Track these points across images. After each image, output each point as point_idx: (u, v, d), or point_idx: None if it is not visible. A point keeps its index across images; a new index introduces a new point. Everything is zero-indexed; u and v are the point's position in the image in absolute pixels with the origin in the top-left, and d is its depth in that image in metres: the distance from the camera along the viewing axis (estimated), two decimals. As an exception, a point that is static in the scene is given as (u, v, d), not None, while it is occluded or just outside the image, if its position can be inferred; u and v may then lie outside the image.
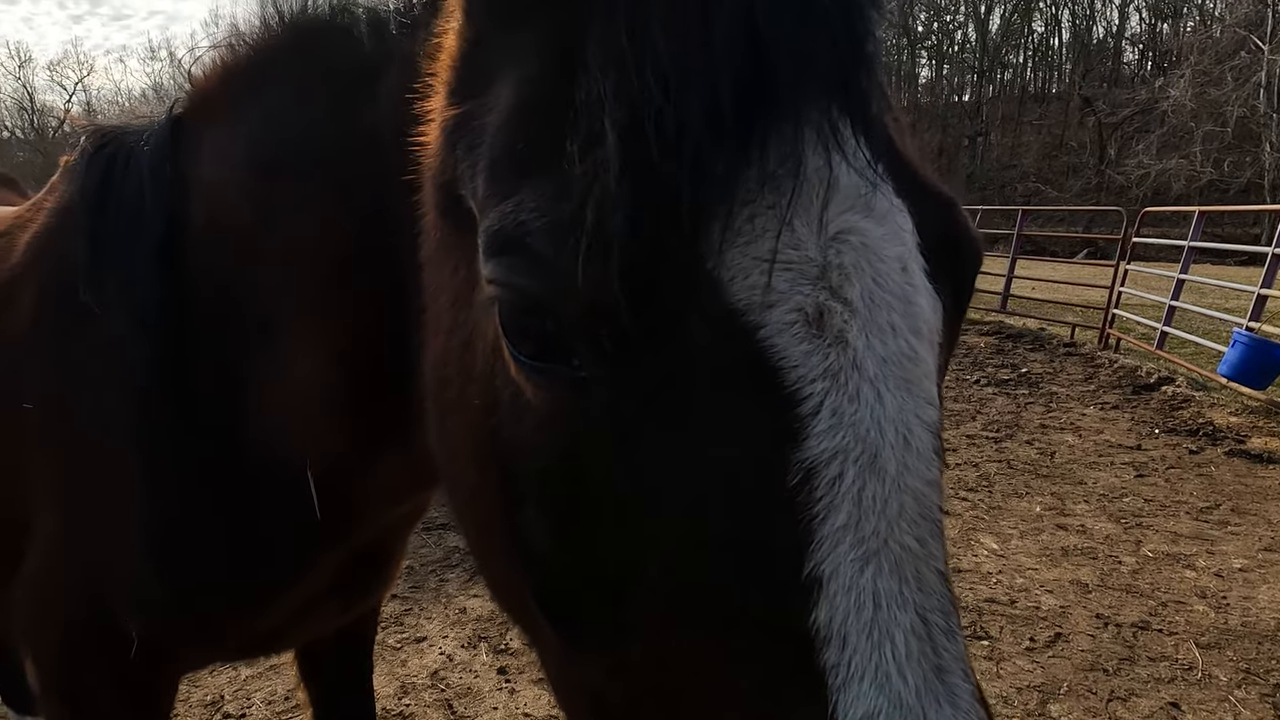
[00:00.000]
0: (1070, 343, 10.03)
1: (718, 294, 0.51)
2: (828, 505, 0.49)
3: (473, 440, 0.66)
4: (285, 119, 1.01)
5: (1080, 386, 8.04)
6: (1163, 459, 5.78)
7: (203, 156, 1.08)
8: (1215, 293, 10.89)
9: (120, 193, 1.10)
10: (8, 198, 1.88)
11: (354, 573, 1.33)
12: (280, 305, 1.02)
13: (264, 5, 1.06)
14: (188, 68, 1.15)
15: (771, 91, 0.51)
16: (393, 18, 0.93)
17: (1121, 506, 4.88)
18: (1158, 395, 7.41)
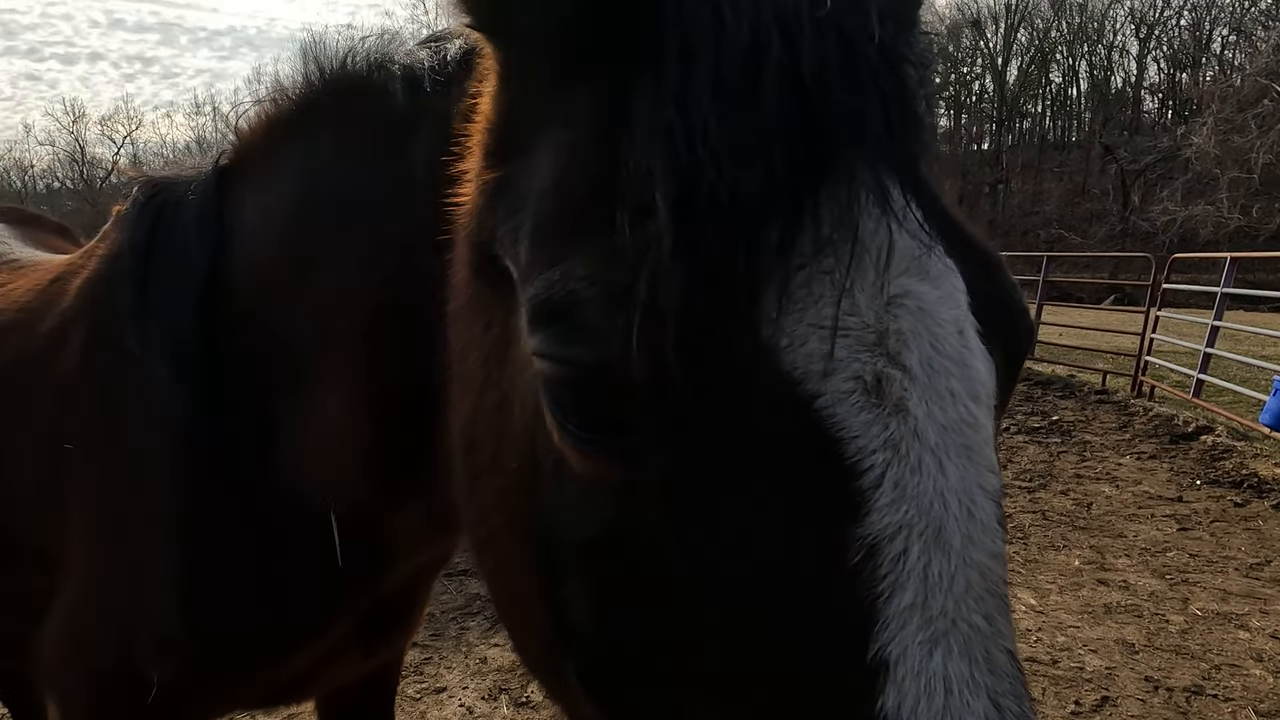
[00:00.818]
0: (1102, 390, 9.82)
1: (774, 363, 0.49)
2: (893, 583, 0.46)
3: (508, 506, 0.64)
4: (323, 172, 1.04)
5: (1115, 435, 7.82)
6: (1206, 512, 5.56)
7: (245, 206, 1.11)
8: (1251, 339, 10.63)
9: (167, 241, 1.14)
10: (62, 245, 1.95)
11: (378, 619, 1.32)
12: (312, 353, 1.03)
13: (306, 61, 1.10)
14: (234, 121, 1.21)
15: (823, 157, 0.51)
16: (427, 75, 0.95)
17: (1165, 561, 4.68)
18: (1197, 445, 7.18)
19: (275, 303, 1.06)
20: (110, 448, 1.14)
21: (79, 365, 1.18)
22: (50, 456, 1.18)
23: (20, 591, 1.28)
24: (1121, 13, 49.93)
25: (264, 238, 1.08)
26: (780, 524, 0.48)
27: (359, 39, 1.07)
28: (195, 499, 1.10)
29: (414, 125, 0.93)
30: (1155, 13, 49.06)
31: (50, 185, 55.22)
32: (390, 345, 0.95)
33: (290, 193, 1.06)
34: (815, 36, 0.51)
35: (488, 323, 0.68)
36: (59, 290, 1.30)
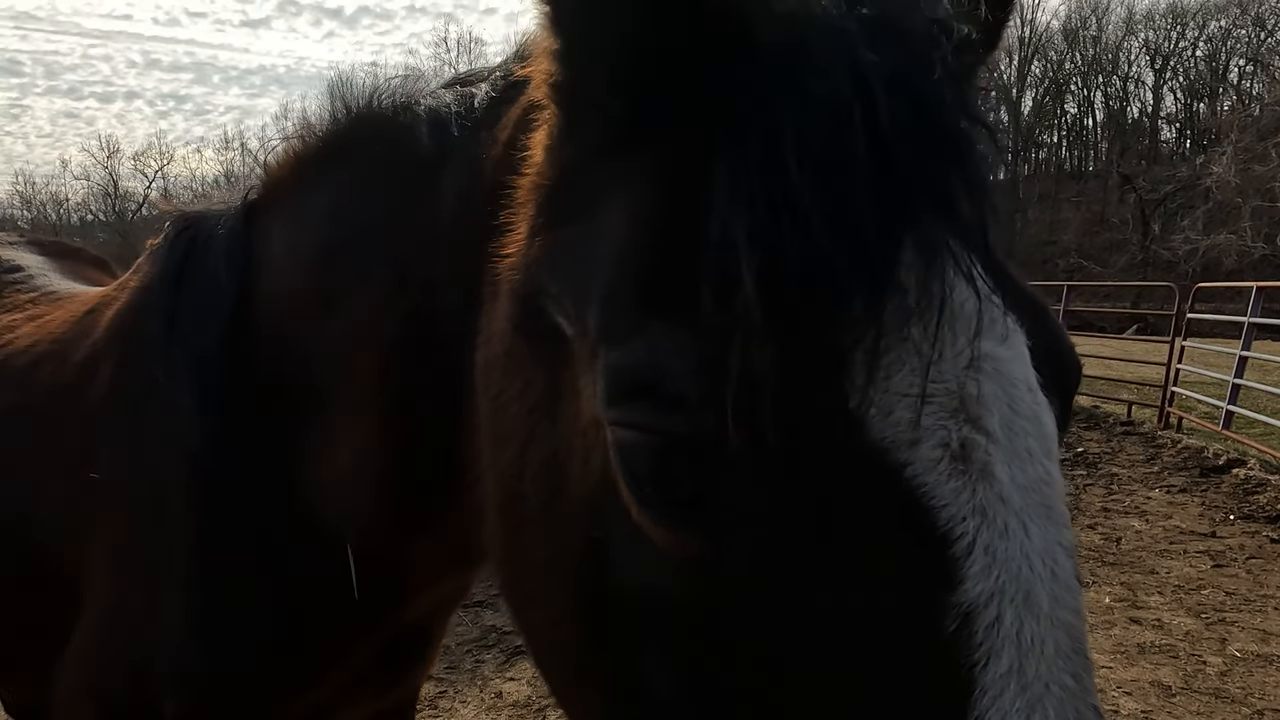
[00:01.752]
0: (1128, 421, 9.63)
1: (863, 432, 0.49)
2: (989, 650, 0.46)
3: (566, 568, 0.63)
4: (348, 209, 1.05)
5: (1142, 468, 7.64)
6: (1241, 548, 5.39)
7: (272, 240, 1.14)
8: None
9: (196, 274, 1.16)
10: (99, 277, 2.00)
11: (394, 654, 1.30)
12: (334, 385, 1.04)
13: (333, 100, 1.13)
14: (262, 158, 1.24)
15: (905, 224, 0.51)
16: (453, 119, 0.95)
17: (1200, 600, 4.53)
18: (1229, 478, 6.99)
19: (299, 335, 1.07)
20: (133, 477, 1.15)
21: (107, 394, 1.20)
22: (77, 484, 1.19)
23: (45, 619, 1.29)
24: (1136, 45, 50.17)
25: (290, 271, 1.10)
26: (874, 593, 0.48)
27: (384, 80, 1.10)
28: (214, 530, 1.10)
29: (439, 167, 0.94)
30: (1170, 44, 49.23)
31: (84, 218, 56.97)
32: (409, 380, 0.96)
33: (316, 228, 1.08)
34: (893, 104, 0.52)
35: (531, 377, 0.67)
36: (92, 322, 1.32)
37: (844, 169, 0.50)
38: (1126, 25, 49.81)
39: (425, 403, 0.94)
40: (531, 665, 3.59)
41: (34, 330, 1.44)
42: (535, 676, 3.50)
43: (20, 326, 1.48)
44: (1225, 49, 47.50)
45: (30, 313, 1.55)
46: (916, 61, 0.55)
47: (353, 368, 1.02)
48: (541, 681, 3.67)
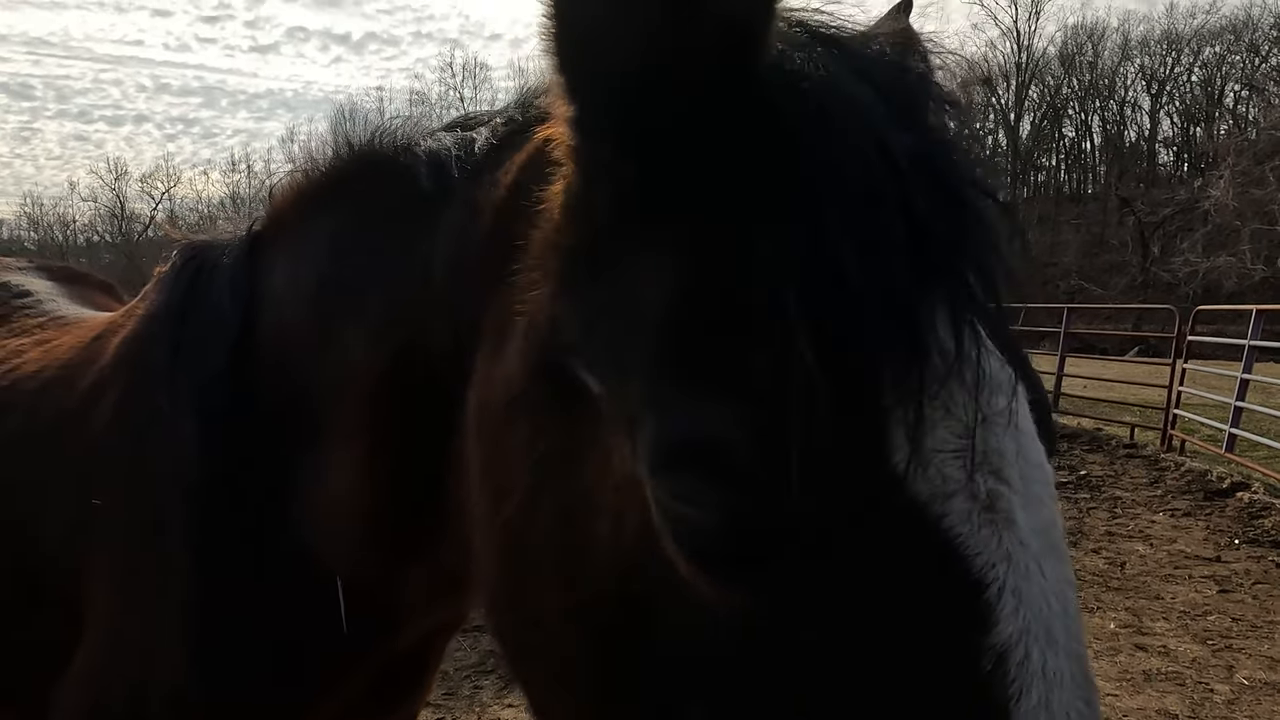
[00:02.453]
0: (1130, 444, 9.59)
1: (905, 488, 0.52)
2: (1020, 686, 0.50)
3: (584, 620, 0.64)
4: (346, 244, 1.08)
5: (1146, 491, 7.60)
6: (1247, 573, 5.34)
7: (275, 271, 1.16)
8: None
9: (202, 303, 1.18)
10: (106, 302, 2.02)
11: (389, 682, 1.30)
12: (328, 417, 1.06)
13: (336, 135, 1.16)
14: (269, 186, 1.26)
15: (940, 296, 0.54)
16: (453, 161, 0.97)
17: (1206, 626, 4.48)
18: (1233, 502, 6.95)
19: (298, 366, 1.09)
20: (134, 503, 1.16)
21: (111, 421, 1.21)
22: (81, 509, 1.20)
23: (47, 642, 1.29)
24: (1132, 70, 50.77)
25: (290, 303, 1.12)
26: (918, 638, 0.51)
27: (387, 119, 1.13)
28: (212, 558, 1.11)
29: (437, 209, 0.95)
30: (1166, 70, 49.82)
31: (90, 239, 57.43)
32: (400, 415, 0.98)
33: (316, 262, 1.11)
34: (922, 184, 0.55)
35: (542, 428, 0.67)
36: (99, 348, 1.34)
37: (885, 246, 0.53)
38: (1122, 51, 50.48)
39: (416, 438, 0.96)
40: (530, 691, 3.56)
41: (41, 355, 1.45)
42: (534, 702, 3.47)
43: (28, 351, 1.49)
44: (1220, 74, 48.07)
45: (38, 337, 1.56)
46: (934, 139, 0.59)
47: (346, 400, 1.04)
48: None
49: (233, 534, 1.11)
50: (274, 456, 1.10)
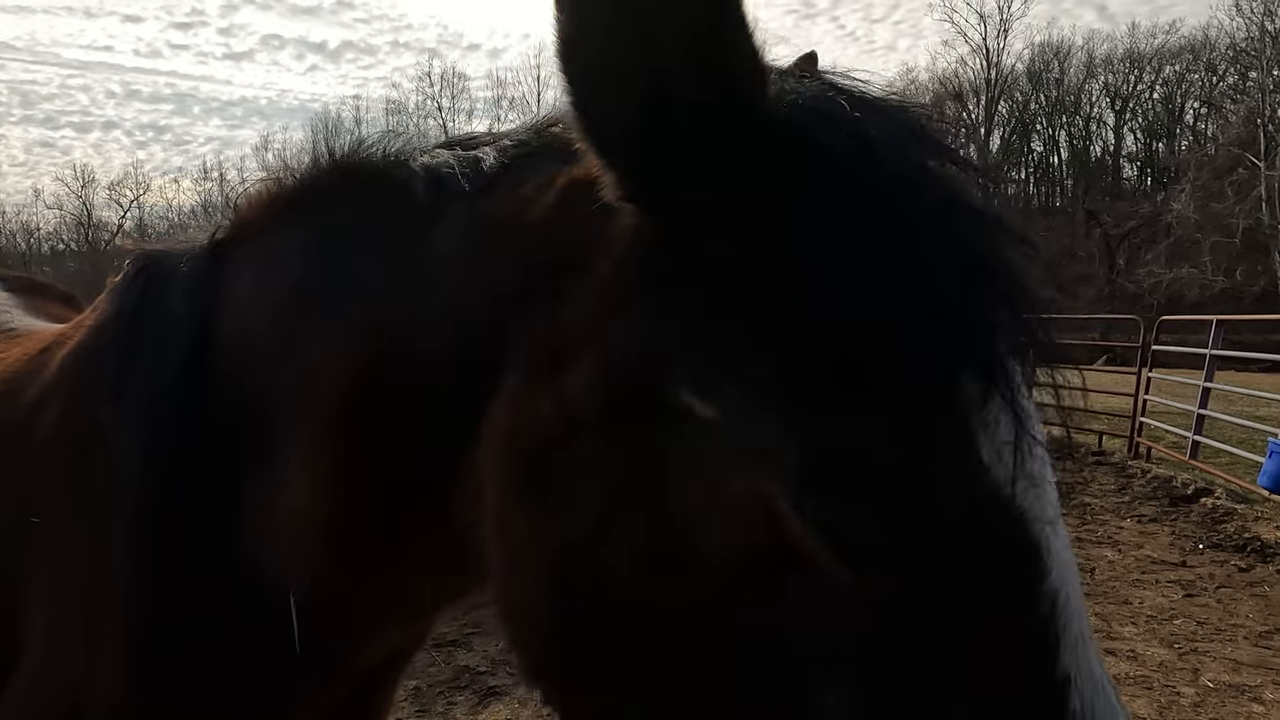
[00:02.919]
0: (1099, 451, 9.80)
1: (990, 473, 0.63)
2: (1064, 620, 0.62)
3: (688, 634, 0.66)
4: (325, 250, 1.05)
5: (1114, 497, 7.76)
6: (1211, 577, 5.47)
7: (240, 277, 1.13)
8: (1243, 400, 10.67)
9: (153, 311, 1.14)
10: (64, 313, 1.96)
11: (350, 703, 1.26)
12: (290, 429, 1.03)
13: (315, 144, 1.13)
14: (233, 198, 1.23)
15: (1006, 321, 0.65)
16: (458, 177, 0.94)
17: (1173, 630, 4.57)
18: (1197, 507, 7.12)
19: (259, 376, 1.06)
20: (73, 521, 1.11)
21: (53, 435, 1.16)
22: (20, 527, 1.15)
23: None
24: (1096, 87, 52.26)
25: (254, 309, 1.09)
26: (1004, 592, 0.63)
27: (377, 132, 1.11)
28: (156, 577, 1.06)
29: (431, 222, 0.94)
30: (1129, 87, 51.35)
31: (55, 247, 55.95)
32: (370, 429, 0.96)
33: (287, 269, 1.07)
34: (987, 233, 0.67)
35: (618, 447, 0.69)
36: (45, 360, 1.29)
37: (978, 287, 0.64)
38: (1087, 69, 51.95)
39: (387, 452, 0.94)
40: (506, 706, 3.50)
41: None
42: (511, 716, 3.41)
43: None
44: (1180, 92, 49.66)
45: None
46: (967, 181, 0.70)
47: (310, 410, 1.01)
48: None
49: (179, 552, 1.07)
50: (228, 470, 1.07)
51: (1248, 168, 38.37)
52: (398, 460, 0.92)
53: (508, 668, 3.90)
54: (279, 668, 1.10)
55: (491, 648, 4.12)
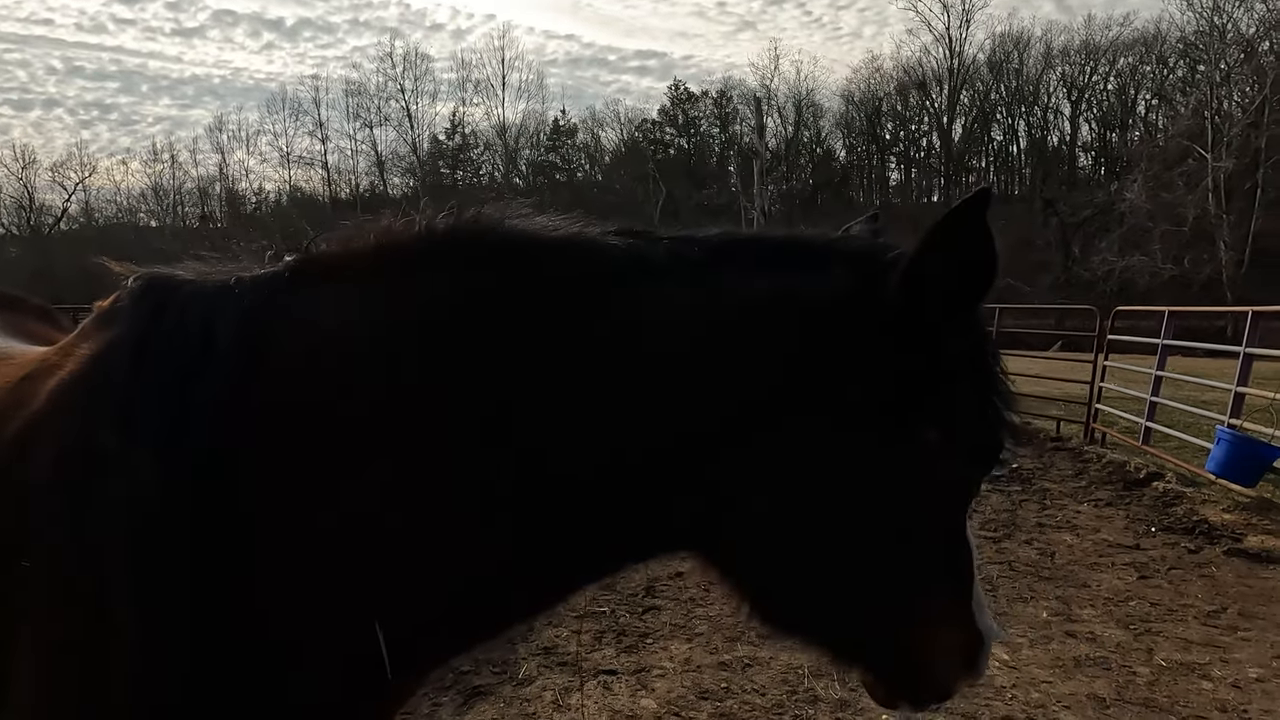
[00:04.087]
0: (1057, 437, 10.13)
1: (1002, 435, 1.15)
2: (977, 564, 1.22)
3: (907, 551, 1.10)
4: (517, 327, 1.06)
5: (1072, 483, 8.05)
6: (1163, 559, 5.74)
7: (325, 310, 1.09)
8: (1191, 386, 11.16)
9: (182, 336, 1.08)
10: (44, 331, 1.83)
11: None
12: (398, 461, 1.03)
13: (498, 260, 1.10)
14: (313, 239, 1.19)
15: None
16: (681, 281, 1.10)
17: (1128, 611, 4.79)
18: (1149, 491, 7.43)
19: (330, 406, 1.04)
20: (74, 566, 1.02)
21: (46, 476, 1.06)
22: (7, 575, 1.05)
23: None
24: (1054, 78, 53.40)
25: (354, 343, 1.07)
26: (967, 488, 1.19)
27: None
28: (166, 625, 0.99)
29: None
30: (1084, 78, 52.60)
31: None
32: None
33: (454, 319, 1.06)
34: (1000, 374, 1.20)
35: (887, 471, 1.06)
36: (29, 390, 1.18)
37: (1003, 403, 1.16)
38: (1045, 59, 53.03)
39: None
40: (491, 705, 3.52)
41: None
42: (497, 716, 3.44)
43: None
44: (1133, 84, 51.07)
45: None
46: None
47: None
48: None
49: (189, 591, 0.99)
50: (265, 504, 1.03)
51: (1196, 159, 39.71)
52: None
53: (492, 667, 3.92)
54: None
55: (474, 646, 4.14)
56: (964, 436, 1.07)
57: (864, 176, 60.89)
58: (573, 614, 4.63)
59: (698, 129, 60.53)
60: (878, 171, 60.32)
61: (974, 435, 1.09)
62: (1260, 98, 38.75)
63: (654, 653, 4.14)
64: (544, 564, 1.09)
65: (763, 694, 3.71)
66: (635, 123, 61.04)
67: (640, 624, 4.52)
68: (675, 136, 60.62)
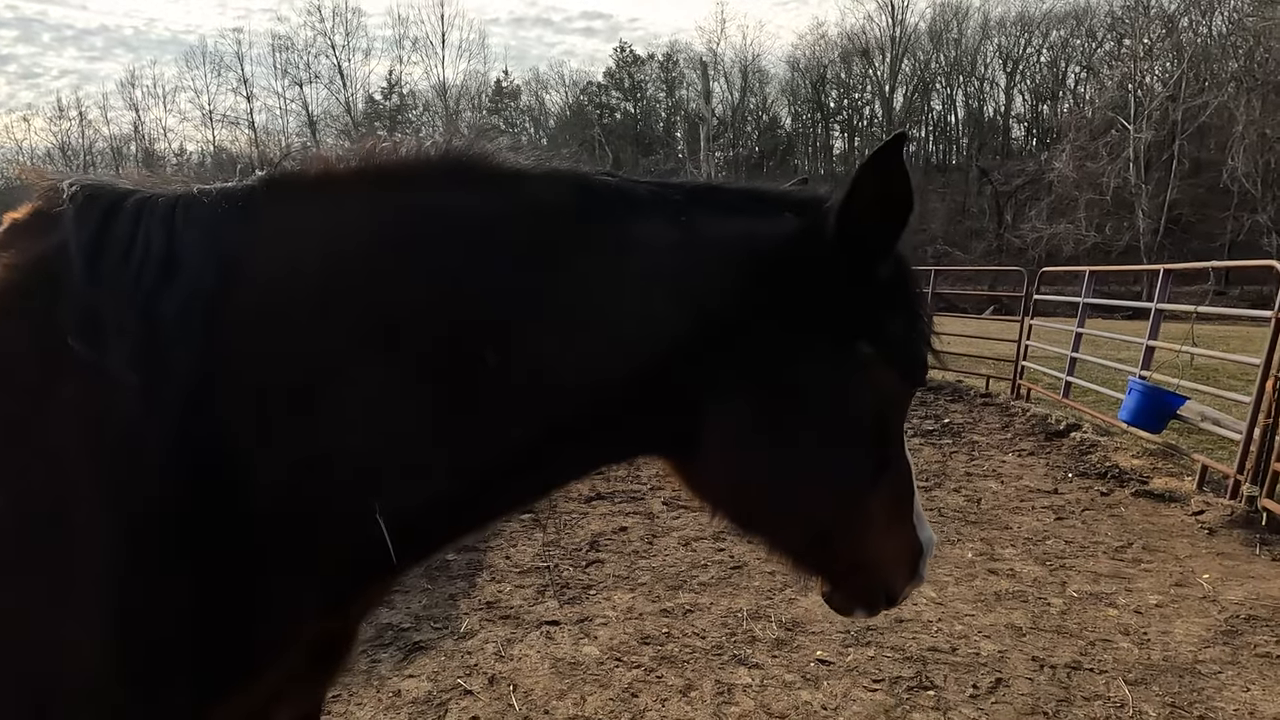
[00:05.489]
0: (986, 394, 10.60)
1: (925, 352, 1.30)
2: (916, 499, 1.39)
3: (851, 445, 1.23)
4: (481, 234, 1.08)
5: (998, 435, 8.46)
6: (1078, 502, 6.10)
7: (311, 223, 1.07)
8: (1108, 344, 11.80)
9: (145, 244, 1.01)
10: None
11: (316, 656, 1.21)
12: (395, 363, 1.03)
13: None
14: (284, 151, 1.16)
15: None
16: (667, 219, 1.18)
17: (1046, 549, 5.09)
18: (1068, 441, 7.88)
19: (310, 313, 1.01)
20: (24, 484, 0.94)
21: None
22: None
23: None
24: (991, 48, 54.64)
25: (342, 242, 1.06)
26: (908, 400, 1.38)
27: None
28: (138, 526, 0.94)
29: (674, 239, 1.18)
30: (1019, 50, 54.00)
31: (-122, 193, 48.68)
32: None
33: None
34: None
35: (839, 383, 1.18)
36: None
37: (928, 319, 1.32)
38: (983, 30, 54.16)
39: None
40: (431, 659, 3.51)
41: None
42: (436, 672, 3.43)
43: None
44: (1064, 56, 52.74)
45: None
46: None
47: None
48: (445, 675, 3.56)
49: (163, 491, 0.94)
50: (247, 408, 0.98)
51: (1119, 130, 41.47)
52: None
53: (433, 623, 3.90)
54: (285, 606, 1.07)
55: (415, 604, 4.10)
56: (894, 351, 1.21)
57: (809, 144, 61.40)
58: (516, 570, 4.63)
59: (644, 93, 59.73)
60: (822, 140, 60.92)
61: (902, 350, 1.23)
62: (1179, 72, 40.61)
63: (597, 603, 4.19)
64: (532, 464, 1.15)
65: (703, 636, 3.80)
66: (581, 86, 59.82)
67: (584, 576, 4.55)
68: (621, 100, 59.73)
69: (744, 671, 3.47)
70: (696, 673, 3.46)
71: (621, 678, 3.41)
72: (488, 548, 4.93)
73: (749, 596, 4.23)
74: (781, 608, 4.09)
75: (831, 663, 3.56)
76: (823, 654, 3.63)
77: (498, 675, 3.41)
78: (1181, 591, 4.43)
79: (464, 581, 4.43)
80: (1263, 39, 37.80)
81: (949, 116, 57.31)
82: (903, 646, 3.72)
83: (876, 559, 1.30)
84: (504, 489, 1.16)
